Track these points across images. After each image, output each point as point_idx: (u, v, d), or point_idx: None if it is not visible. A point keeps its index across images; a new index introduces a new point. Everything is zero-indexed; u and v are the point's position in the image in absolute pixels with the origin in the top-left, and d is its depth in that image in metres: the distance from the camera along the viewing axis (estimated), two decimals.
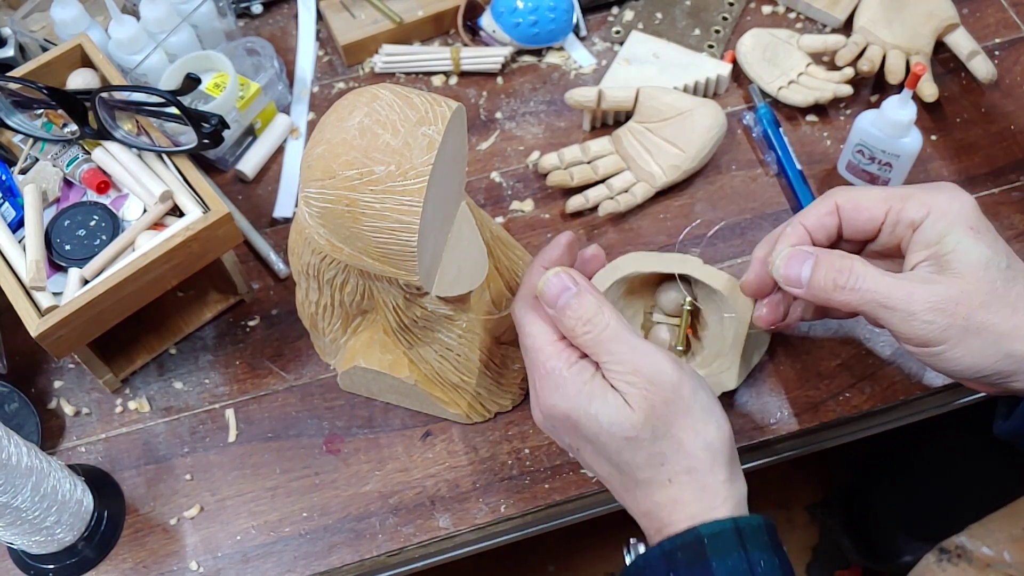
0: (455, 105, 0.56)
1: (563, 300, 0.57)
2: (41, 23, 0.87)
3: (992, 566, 0.90)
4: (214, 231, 0.68)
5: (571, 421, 0.56)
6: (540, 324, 0.59)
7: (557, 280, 0.58)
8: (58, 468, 0.63)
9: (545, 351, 0.58)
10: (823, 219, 0.59)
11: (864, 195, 0.58)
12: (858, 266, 0.55)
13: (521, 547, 0.86)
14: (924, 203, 0.55)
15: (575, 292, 0.57)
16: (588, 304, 0.56)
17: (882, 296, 0.54)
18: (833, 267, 0.56)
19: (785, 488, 1.44)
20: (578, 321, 0.56)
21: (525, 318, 0.60)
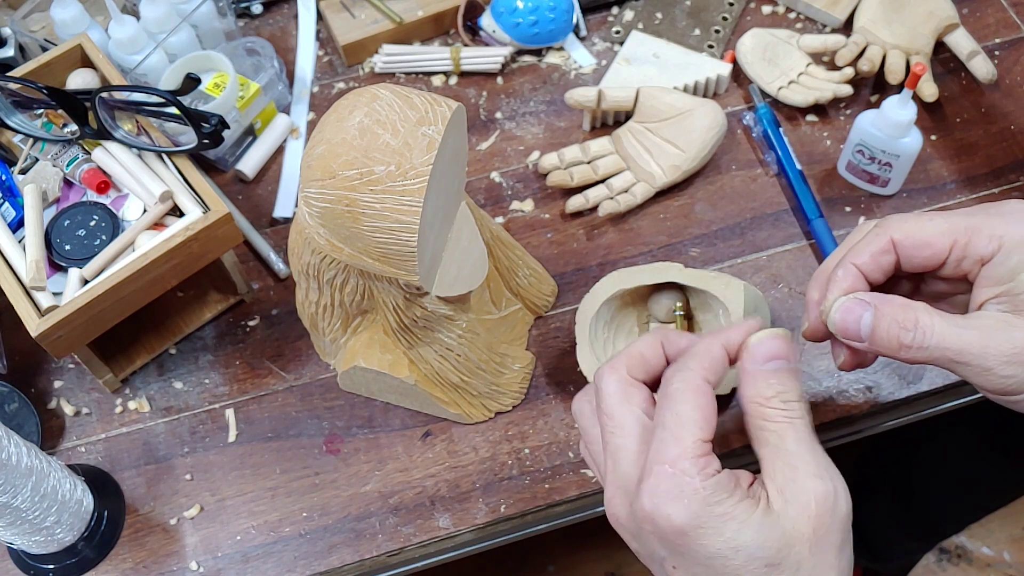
0: (455, 105, 0.56)
1: (776, 365, 0.48)
2: (41, 23, 0.87)
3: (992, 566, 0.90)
4: (214, 231, 0.68)
5: (683, 538, 0.46)
6: (696, 406, 0.47)
7: (775, 343, 0.49)
8: (58, 468, 0.63)
9: (683, 441, 0.46)
10: (878, 258, 0.51)
11: (924, 228, 0.50)
12: (923, 318, 0.48)
13: (521, 547, 0.86)
14: (993, 236, 0.49)
15: (789, 367, 0.49)
16: (795, 387, 0.48)
17: (953, 352, 0.48)
18: (896, 322, 0.49)
19: None
20: (779, 396, 0.47)
21: (683, 391, 0.48)
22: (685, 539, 0.45)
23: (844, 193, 0.81)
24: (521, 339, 0.75)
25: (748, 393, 0.49)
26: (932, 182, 0.81)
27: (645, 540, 0.48)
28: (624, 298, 0.72)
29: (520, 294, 0.74)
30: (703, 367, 0.49)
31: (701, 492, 0.45)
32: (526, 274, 0.73)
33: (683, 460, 0.46)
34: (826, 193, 0.81)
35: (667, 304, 0.71)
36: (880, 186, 0.80)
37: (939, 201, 0.80)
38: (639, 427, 0.49)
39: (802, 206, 0.79)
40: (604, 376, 0.51)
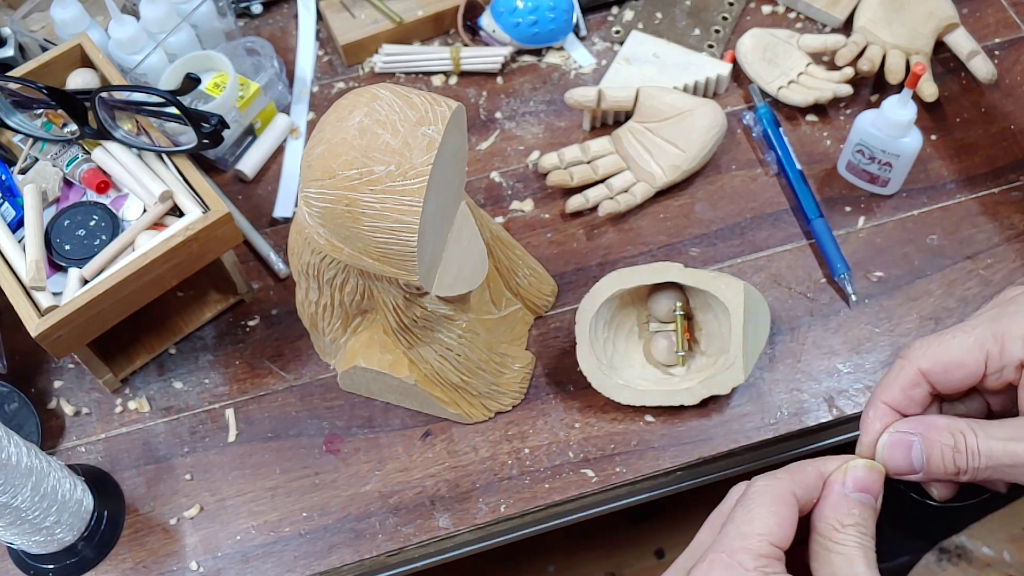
0: (455, 105, 0.56)
1: (864, 497, 0.47)
2: (41, 23, 0.87)
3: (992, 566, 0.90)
4: (214, 231, 0.68)
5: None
6: (772, 511, 0.45)
7: (873, 476, 0.47)
8: (58, 468, 0.63)
9: (747, 537, 0.45)
10: (910, 393, 0.49)
11: (950, 350, 0.48)
12: (971, 439, 0.46)
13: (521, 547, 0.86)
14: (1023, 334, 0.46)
15: (874, 506, 0.47)
16: (872, 524, 0.46)
17: (1010, 467, 0.46)
18: (948, 447, 0.46)
19: None
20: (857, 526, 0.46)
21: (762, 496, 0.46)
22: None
23: (844, 193, 0.81)
24: (521, 339, 0.75)
25: (826, 514, 0.47)
26: (932, 182, 0.81)
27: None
28: (624, 298, 0.72)
29: (520, 294, 0.74)
30: (792, 478, 0.47)
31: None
32: (526, 274, 0.73)
33: (743, 553, 0.44)
34: (826, 193, 0.81)
35: (667, 304, 0.71)
36: (880, 186, 0.80)
37: (939, 201, 0.80)
38: None
39: (802, 206, 0.79)
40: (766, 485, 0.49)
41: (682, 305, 0.71)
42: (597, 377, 0.70)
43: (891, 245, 0.78)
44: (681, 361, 0.71)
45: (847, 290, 0.75)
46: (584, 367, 0.70)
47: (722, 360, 0.69)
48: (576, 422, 0.71)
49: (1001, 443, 0.45)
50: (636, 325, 0.74)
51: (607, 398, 0.70)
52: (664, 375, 0.72)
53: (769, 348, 0.73)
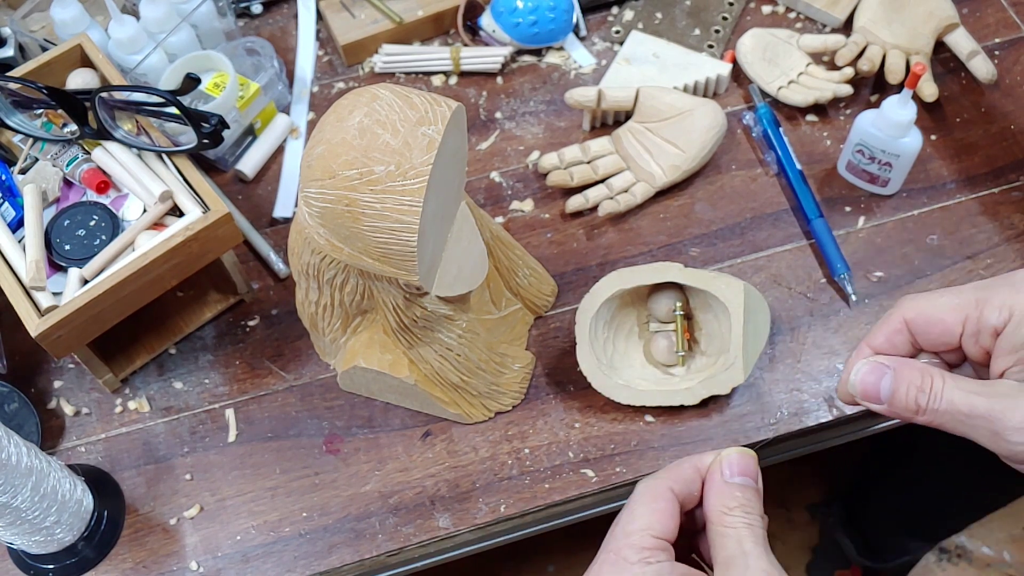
0: (455, 105, 0.56)
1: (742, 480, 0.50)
2: (41, 23, 0.87)
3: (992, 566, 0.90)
4: (214, 231, 0.68)
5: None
6: (652, 508, 0.49)
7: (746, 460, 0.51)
8: (58, 468, 0.63)
9: (630, 535, 0.48)
10: (892, 338, 0.52)
11: (934, 305, 0.51)
12: (937, 383, 0.49)
13: (521, 547, 0.86)
14: (1004, 306, 0.49)
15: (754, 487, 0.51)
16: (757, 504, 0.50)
17: (964, 415, 0.49)
18: (914, 385, 0.50)
19: (785, 488, 1.44)
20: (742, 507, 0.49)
21: (641, 497, 0.50)
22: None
23: (844, 193, 0.81)
24: (521, 339, 0.75)
25: (713, 502, 0.50)
26: (932, 182, 0.82)
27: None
28: (624, 298, 0.72)
29: (520, 294, 0.74)
30: (669, 475, 0.51)
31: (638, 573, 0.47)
32: (526, 274, 0.73)
33: (627, 549, 0.48)
34: (826, 193, 0.81)
35: (667, 304, 0.71)
36: (880, 186, 0.80)
37: (939, 201, 0.80)
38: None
39: (802, 206, 0.79)
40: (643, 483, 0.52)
41: (682, 305, 0.71)
42: (597, 377, 0.70)
43: (891, 245, 0.78)
44: (681, 361, 0.71)
45: (847, 290, 0.75)
46: (584, 367, 0.70)
47: (722, 360, 0.69)
48: (576, 422, 0.71)
49: (964, 394, 0.48)
50: (636, 325, 0.74)
51: (607, 398, 0.70)
52: (664, 375, 0.72)
53: (769, 348, 0.73)
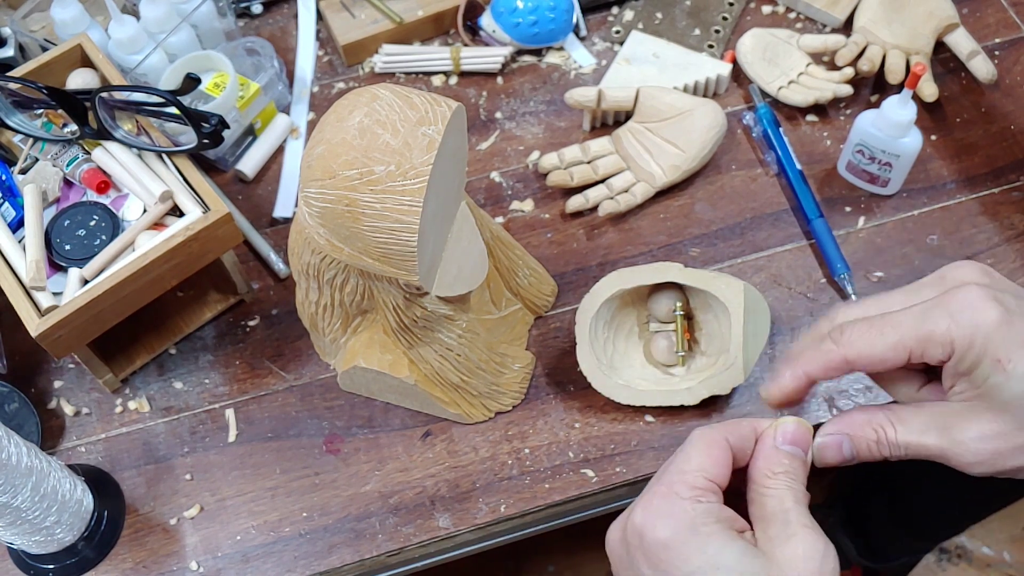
0: (455, 105, 0.56)
1: (793, 450, 0.51)
2: (41, 23, 0.87)
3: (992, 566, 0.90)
4: (214, 231, 0.68)
5: (666, 552, 0.48)
6: (706, 453, 0.50)
7: (801, 430, 0.52)
8: (58, 468, 0.63)
9: (684, 473, 0.49)
10: (831, 372, 0.52)
11: (874, 347, 0.51)
12: (890, 433, 0.51)
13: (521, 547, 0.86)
14: (944, 343, 0.49)
15: (803, 457, 0.52)
16: (803, 473, 0.51)
17: (923, 452, 0.51)
18: (871, 440, 0.51)
19: None
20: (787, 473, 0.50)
21: (698, 441, 0.51)
22: (668, 553, 0.47)
23: (844, 193, 0.81)
24: (521, 339, 0.75)
25: (760, 465, 0.51)
26: (932, 182, 0.82)
27: (633, 560, 0.50)
28: (624, 298, 0.72)
29: (520, 294, 0.74)
30: (727, 428, 0.52)
31: (690, 512, 0.48)
32: (526, 274, 0.73)
33: (679, 485, 0.49)
34: (826, 193, 0.81)
35: (667, 304, 0.71)
36: (880, 186, 0.80)
37: (939, 201, 0.80)
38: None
39: (802, 206, 0.79)
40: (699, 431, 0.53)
41: (682, 305, 0.71)
42: (597, 377, 0.70)
43: (891, 245, 0.78)
44: (681, 361, 0.71)
45: (847, 290, 0.75)
46: (584, 367, 0.70)
47: (722, 360, 0.69)
48: (576, 422, 0.71)
49: (916, 436, 0.50)
50: (636, 325, 0.74)
51: (607, 398, 0.70)
52: (664, 375, 0.72)
53: (769, 348, 0.73)
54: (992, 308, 0.49)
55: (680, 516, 0.48)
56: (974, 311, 0.49)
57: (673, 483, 0.49)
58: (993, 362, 0.48)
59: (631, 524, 0.49)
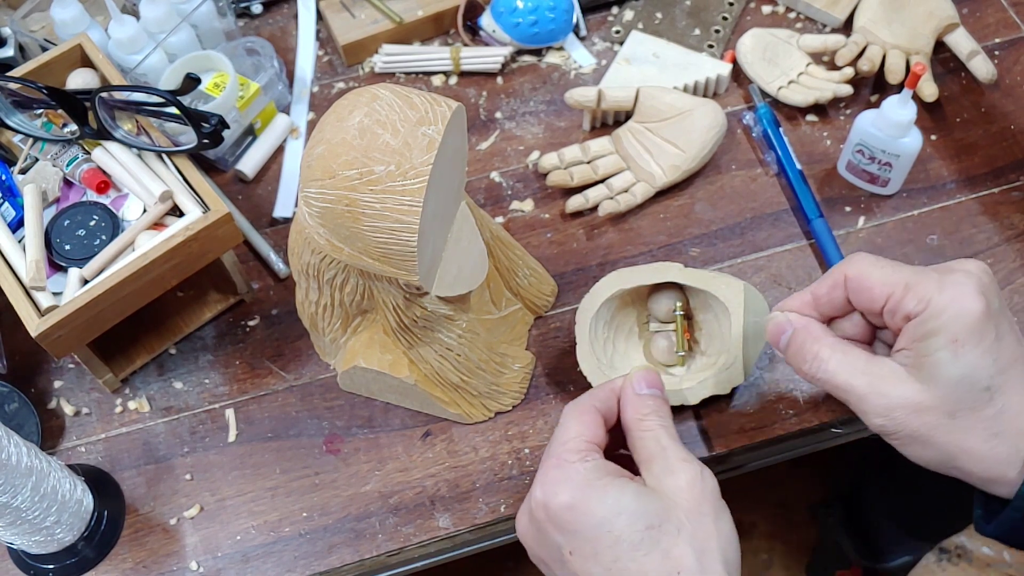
0: (455, 105, 0.56)
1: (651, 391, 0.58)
2: (41, 23, 0.87)
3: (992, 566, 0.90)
4: (214, 231, 0.68)
5: (571, 512, 0.52)
6: (581, 422, 0.57)
7: (651, 375, 0.60)
8: (58, 468, 0.63)
9: (565, 443, 0.55)
10: (832, 292, 0.58)
11: (870, 274, 0.56)
12: (824, 353, 0.56)
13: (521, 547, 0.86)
14: (923, 298, 0.53)
15: (661, 396, 0.59)
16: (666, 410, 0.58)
17: (840, 390, 0.56)
18: (801, 348, 0.58)
19: (785, 488, 1.44)
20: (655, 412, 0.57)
21: (570, 413, 0.58)
22: (573, 513, 0.52)
23: (844, 193, 0.81)
24: (521, 339, 0.75)
25: (629, 413, 0.58)
26: (932, 182, 0.82)
27: (545, 535, 0.54)
28: (624, 298, 0.72)
29: (520, 294, 0.74)
30: (592, 396, 0.59)
31: (581, 472, 0.53)
32: (526, 274, 0.73)
33: (565, 453, 0.54)
34: (826, 193, 0.81)
35: (667, 304, 0.71)
36: (880, 186, 0.80)
37: (939, 201, 0.80)
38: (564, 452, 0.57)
39: (802, 206, 0.79)
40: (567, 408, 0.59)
41: (682, 305, 0.71)
42: (597, 377, 0.70)
43: (891, 245, 0.78)
44: (681, 361, 0.71)
45: None
46: (584, 367, 0.70)
47: (722, 360, 0.69)
48: None
49: (846, 371, 0.56)
50: (636, 325, 0.74)
51: None
52: (664, 375, 0.72)
53: (769, 348, 0.73)
54: (978, 300, 0.53)
55: (574, 478, 0.53)
56: (962, 292, 0.53)
57: (559, 454, 0.55)
58: (949, 340, 0.52)
59: (534, 501, 0.54)
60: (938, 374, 0.53)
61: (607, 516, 0.51)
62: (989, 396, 0.53)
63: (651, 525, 0.51)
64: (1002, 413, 0.53)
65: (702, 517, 0.52)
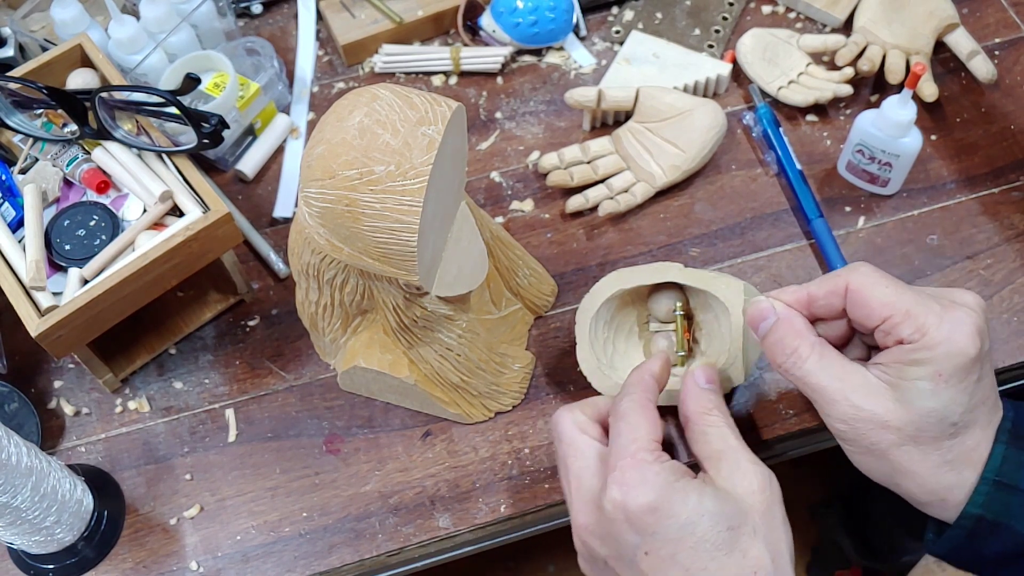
0: (455, 105, 0.56)
1: (712, 387, 0.60)
2: (41, 23, 0.87)
3: None
4: (214, 231, 0.68)
5: (654, 514, 0.52)
6: (645, 417, 0.57)
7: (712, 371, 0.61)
8: (58, 468, 0.63)
9: (639, 440, 0.55)
10: (830, 297, 0.58)
11: (873, 291, 0.56)
12: (804, 351, 0.56)
13: (521, 547, 0.86)
14: (921, 329, 0.53)
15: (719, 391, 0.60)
16: (724, 404, 0.59)
17: (812, 390, 0.56)
18: (782, 340, 0.57)
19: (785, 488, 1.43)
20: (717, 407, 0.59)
21: (633, 409, 0.57)
22: (656, 515, 0.52)
23: (844, 193, 0.81)
24: (521, 339, 0.75)
25: (692, 407, 0.59)
26: (932, 182, 0.82)
27: (617, 534, 0.54)
28: (624, 298, 0.72)
29: (520, 294, 0.74)
30: (644, 391, 0.59)
31: (662, 474, 0.53)
32: (526, 274, 0.73)
33: (641, 452, 0.54)
34: (826, 193, 0.81)
35: (667, 304, 0.71)
36: (880, 186, 0.80)
37: (939, 201, 0.80)
38: (595, 450, 0.58)
39: (802, 206, 0.79)
40: (560, 415, 0.61)
41: (682, 305, 0.71)
42: (597, 377, 0.70)
43: (891, 245, 0.78)
44: (681, 361, 0.71)
45: None
46: (584, 367, 0.70)
47: (722, 360, 0.69)
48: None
49: (820, 375, 0.56)
50: (636, 325, 0.74)
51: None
52: None
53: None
54: (974, 342, 0.53)
55: (654, 480, 0.52)
56: (960, 332, 0.53)
57: (634, 452, 0.54)
58: (935, 372, 0.53)
59: (610, 501, 0.53)
60: (913, 401, 0.54)
61: (691, 518, 0.51)
62: (955, 431, 0.54)
63: (732, 527, 0.52)
64: (960, 445, 0.55)
65: (773, 520, 0.54)
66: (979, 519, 0.55)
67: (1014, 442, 0.55)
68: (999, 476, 0.54)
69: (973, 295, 0.56)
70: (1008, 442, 0.55)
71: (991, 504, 0.54)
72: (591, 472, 0.57)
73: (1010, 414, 0.56)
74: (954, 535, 0.56)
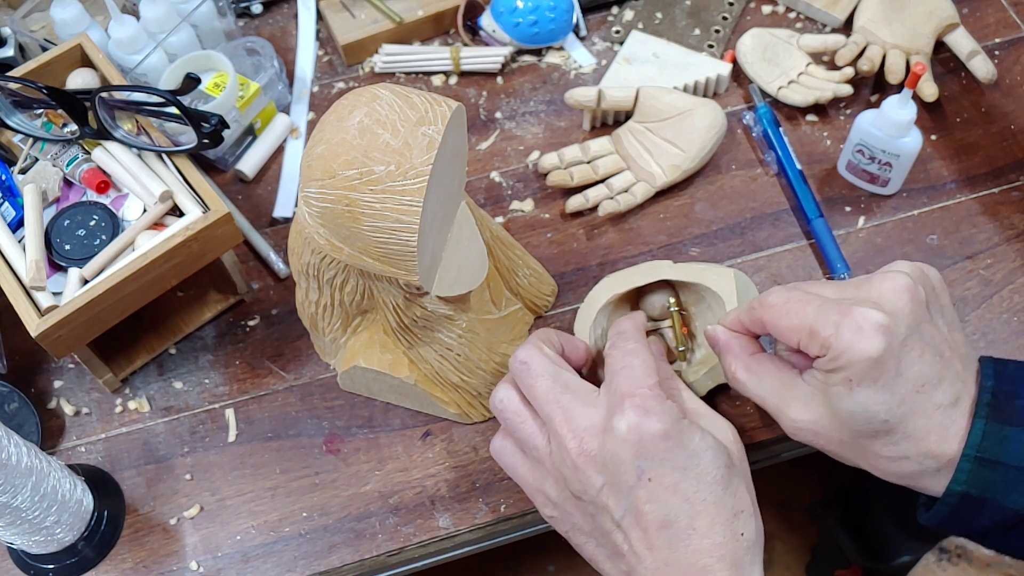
0: (455, 105, 0.56)
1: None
2: (41, 23, 0.87)
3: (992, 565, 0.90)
4: (214, 231, 0.68)
5: (667, 441, 0.54)
6: (652, 360, 0.59)
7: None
8: (58, 468, 0.63)
9: (652, 375, 0.57)
10: (753, 325, 0.61)
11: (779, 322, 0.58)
12: (740, 374, 0.61)
13: (521, 547, 0.86)
14: (824, 345, 0.55)
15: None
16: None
17: (759, 399, 0.60)
18: (723, 362, 0.63)
19: (785, 488, 1.44)
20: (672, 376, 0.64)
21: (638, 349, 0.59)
22: (668, 442, 0.54)
23: (844, 193, 0.81)
24: (521, 339, 0.75)
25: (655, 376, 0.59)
26: (932, 182, 0.82)
27: (622, 459, 0.54)
28: (617, 302, 0.71)
29: (520, 294, 0.74)
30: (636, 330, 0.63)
31: (673, 409, 0.56)
32: (526, 274, 0.73)
33: (654, 388, 0.56)
34: (826, 193, 0.81)
35: (659, 301, 0.71)
36: (880, 186, 0.80)
37: (939, 201, 0.80)
38: (583, 382, 0.59)
39: (802, 206, 0.79)
40: (527, 351, 0.60)
41: (675, 302, 0.71)
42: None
43: (891, 245, 0.78)
44: (682, 356, 0.71)
45: None
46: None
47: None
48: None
49: (756, 391, 0.60)
50: None
51: None
52: None
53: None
54: (876, 340, 0.54)
55: (669, 411, 0.55)
56: (860, 335, 0.54)
57: (651, 385, 0.56)
58: (845, 379, 0.54)
59: (626, 422, 0.54)
60: (836, 405, 0.56)
61: (697, 451, 0.55)
62: (888, 427, 0.55)
63: (727, 465, 0.55)
64: (907, 438, 0.55)
65: (746, 468, 0.59)
66: (964, 496, 0.55)
67: (994, 415, 0.55)
68: (980, 452, 0.54)
69: (894, 274, 0.56)
70: (988, 416, 0.55)
71: (974, 481, 0.54)
72: (588, 404, 0.57)
73: (989, 384, 0.56)
74: (940, 511, 0.56)
